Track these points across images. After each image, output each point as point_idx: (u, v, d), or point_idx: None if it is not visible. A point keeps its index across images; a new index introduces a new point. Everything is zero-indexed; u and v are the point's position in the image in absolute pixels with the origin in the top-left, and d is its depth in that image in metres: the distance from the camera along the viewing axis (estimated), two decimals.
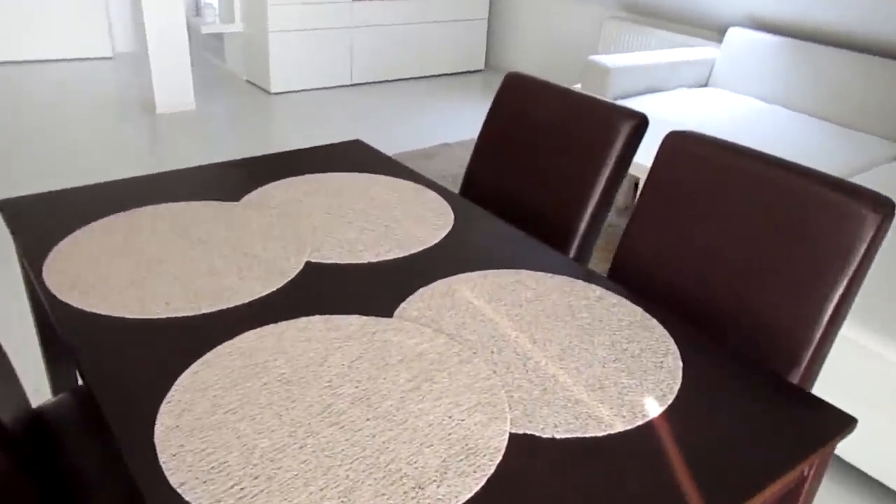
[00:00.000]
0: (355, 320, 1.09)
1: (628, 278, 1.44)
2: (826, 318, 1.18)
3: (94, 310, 1.08)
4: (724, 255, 1.30)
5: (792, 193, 1.23)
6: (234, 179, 1.59)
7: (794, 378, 1.21)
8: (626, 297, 1.22)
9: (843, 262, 1.16)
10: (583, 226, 1.61)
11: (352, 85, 5.38)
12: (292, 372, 0.96)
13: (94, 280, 1.16)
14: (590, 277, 1.28)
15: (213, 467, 0.80)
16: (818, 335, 1.19)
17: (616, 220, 3.34)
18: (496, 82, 5.65)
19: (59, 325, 1.06)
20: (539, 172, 1.69)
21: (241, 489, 0.78)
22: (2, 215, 1.44)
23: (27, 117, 4.25)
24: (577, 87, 4.16)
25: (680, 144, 1.39)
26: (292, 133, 4.32)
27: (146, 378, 0.95)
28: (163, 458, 0.81)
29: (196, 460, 0.81)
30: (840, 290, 1.16)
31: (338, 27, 5.12)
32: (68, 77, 5.13)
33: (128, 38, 5.97)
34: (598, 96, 3.69)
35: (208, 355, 0.99)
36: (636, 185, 3.53)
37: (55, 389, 1.57)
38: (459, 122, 4.66)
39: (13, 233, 1.31)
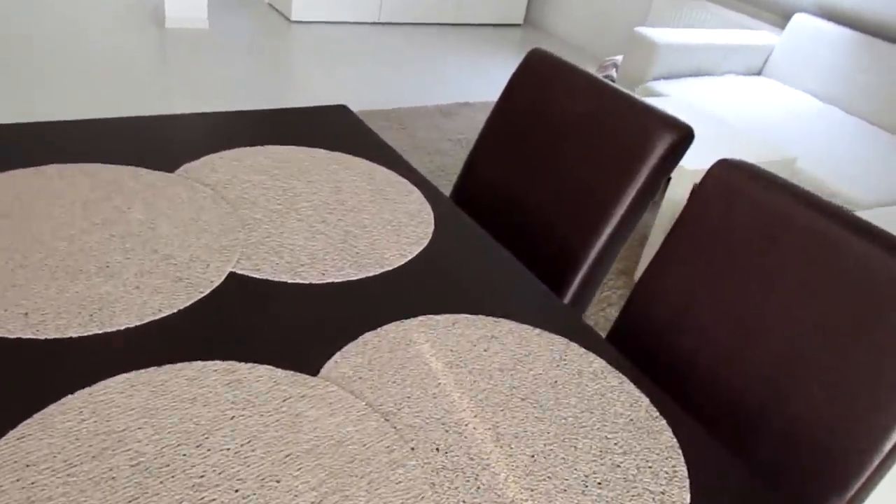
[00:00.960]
0: (266, 375, 0.82)
1: (637, 339, 1.16)
2: (892, 439, 0.90)
3: None
4: (766, 330, 1.01)
5: (867, 266, 0.93)
6: (179, 139, 1.30)
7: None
8: (630, 378, 0.94)
9: None
10: (593, 253, 1.31)
11: (379, 23, 5.01)
12: (155, 453, 0.69)
13: None
14: (588, 341, 0.99)
15: None
16: (876, 462, 0.91)
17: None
18: (531, 41, 5.25)
19: None
20: (552, 178, 1.38)
21: None
22: None
23: (32, 20, 3.94)
24: (619, 58, 3.78)
25: (730, 178, 1.08)
26: (307, 67, 3.99)
27: None
28: None
29: None
30: None
31: None
32: None
33: None
34: (641, 74, 3.31)
35: (51, 408, 0.72)
36: (668, 179, 3.20)
37: None
38: (486, 81, 4.30)
39: None
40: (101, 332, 0.84)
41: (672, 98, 3.14)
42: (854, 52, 3.46)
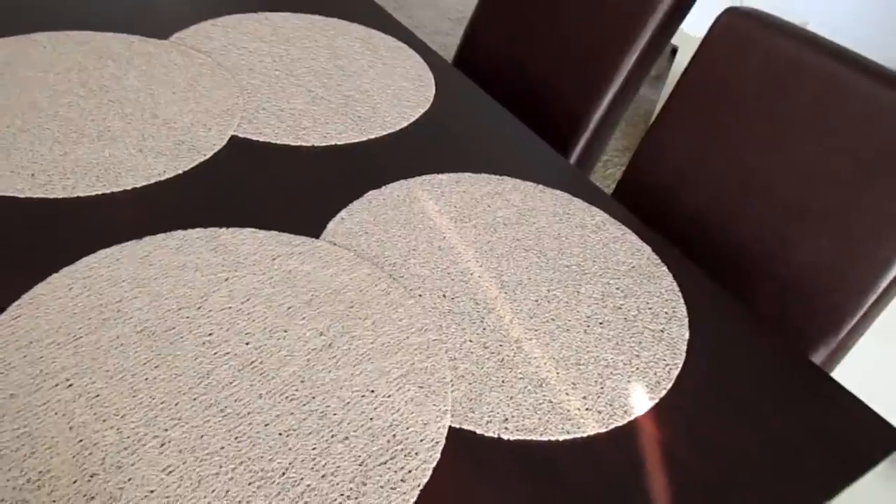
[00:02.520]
0: (250, 237, 0.83)
1: (642, 196, 1.16)
2: (892, 271, 0.92)
3: None
4: (775, 184, 1.01)
5: (877, 106, 0.92)
6: (169, 6, 1.26)
7: (824, 350, 0.97)
8: (633, 230, 0.95)
9: None
10: (597, 115, 1.29)
11: None
12: (157, 319, 0.71)
13: None
14: (592, 196, 1.00)
15: (29, 480, 0.57)
16: (869, 302, 0.93)
17: (645, 90, 2.96)
18: None
19: None
20: (554, 42, 1.35)
21: None
22: None
23: None
24: None
25: (740, 27, 1.05)
26: None
27: None
28: None
29: (6, 466, 0.58)
30: None
31: None
32: None
33: None
34: None
35: (38, 288, 0.73)
36: (674, 52, 3.11)
37: None
38: None
39: None
40: (108, 191, 0.85)
41: None
42: None
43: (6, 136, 0.89)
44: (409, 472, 0.62)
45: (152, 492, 0.57)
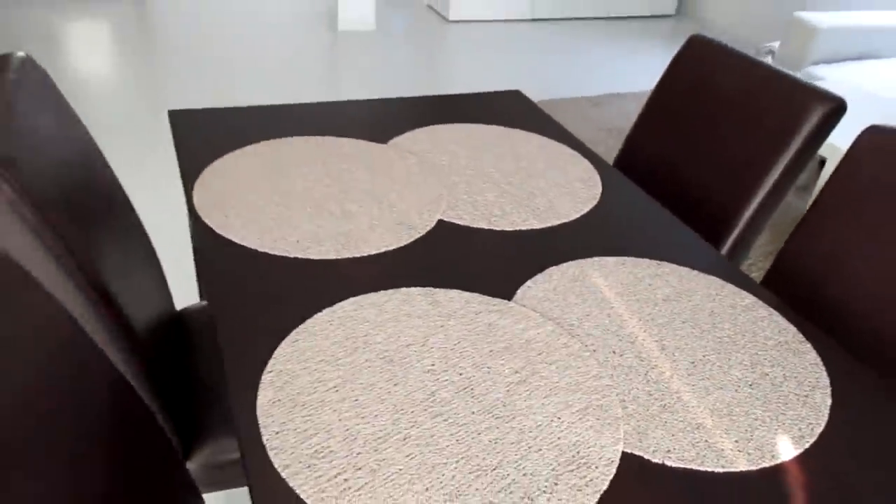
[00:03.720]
0: (457, 296, 1.05)
1: (789, 286, 1.29)
2: None
3: (228, 236, 1.12)
4: None
5: None
6: (385, 119, 1.57)
7: None
8: (780, 312, 1.08)
9: None
10: (746, 215, 1.45)
11: (531, 20, 5.21)
12: (394, 350, 0.94)
13: (235, 204, 1.19)
14: (742, 282, 1.15)
15: (316, 451, 0.79)
16: None
17: (792, 199, 3.03)
18: (684, 31, 5.24)
19: (194, 243, 1.10)
20: (708, 149, 1.53)
21: (345, 480, 0.76)
22: (170, 125, 1.51)
23: (221, 21, 4.50)
24: (775, 45, 3.74)
25: (880, 143, 1.19)
26: (465, 62, 4.26)
27: (260, 328, 0.96)
28: (266, 436, 0.80)
29: (298, 441, 0.80)
30: None
31: None
32: None
33: None
34: (798, 60, 3.29)
35: (311, 320, 0.98)
36: (822, 162, 3.17)
37: (202, 295, 1.68)
38: (636, 72, 4.38)
39: (177, 146, 1.38)
40: (350, 256, 1.10)
41: (828, 81, 3.11)
42: None
43: (277, 212, 1.19)
44: (591, 480, 0.78)
45: (400, 470, 0.77)
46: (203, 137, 1.41)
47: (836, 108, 1.35)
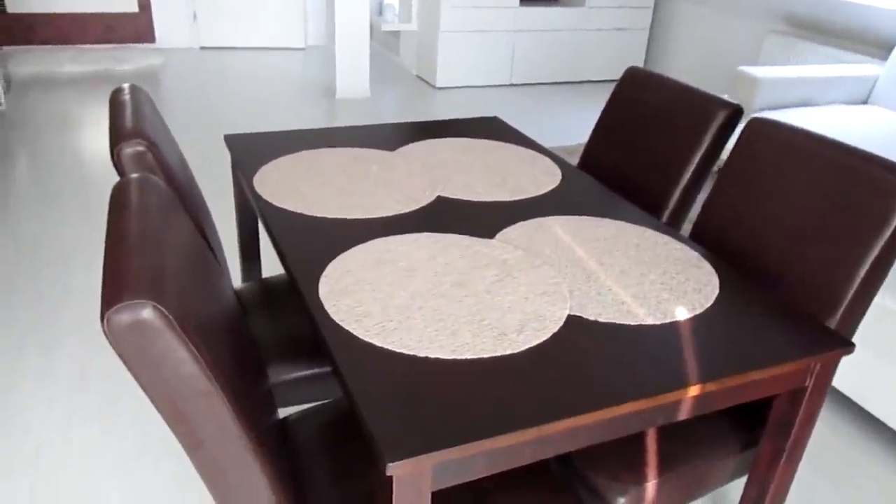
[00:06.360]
0: (458, 237, 1.45)
1: (704, 241, 1.70)
2: (860, 276, 1.38)
3: (284, 206, 1.52)
4: (783, 223, 1.52)
5: (840, 168, 1.44)
6: (391, 136, 2.00)
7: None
8: (689, 247, 1.49)
9: (878, 229, 1.36)
10: (674, 198, 1.86)
11: (511, 85, 5.77)
12: (409, 265, 1.33)
13: (285, 188, 1.60)
14: (665, 230, 1.55)
15: (360, 313, 1.18)
16: (852, 291, 1.40)
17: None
18: None
19: (261, 215, 1.50)
20: (643, 151, 1.96)
21: (383, 327, 1.14)
22: (226, 145, 1.94)
23: (229, 94, 5.01)
24: (725, 97, 4.26)
25: (760, 128, 1.62)
26: None
27: (315, 255, 1.36)
28: (326, 306, 1.19)
29: (349, 308, 1.19)
30: (874, 253, 1.37)
31: (502, 30, 5.53)
32: (266, 63, 5.92)
33: (319, 33, 6.73)
34: (745, 107, 3.78)
35: (350, 251, 1.37)
36: None
37: (244, 278, 2.07)
38: None
39: (233, 156, 1.80)
40: (372, 216, 1.51)
41: None
42: None
43: (316, 192, 1.59)
44: (545, 327, 1.17)
45: (417, 322, 1.16)
46: (251, 150, 1.84)
47: (734, 112, 1.79)
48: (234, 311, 1.25)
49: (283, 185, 1.63)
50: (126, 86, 1.48)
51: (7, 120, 4.20)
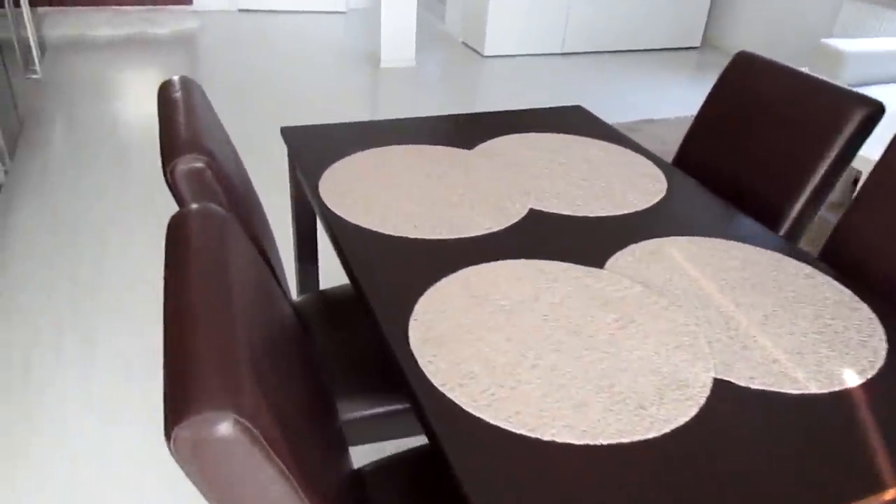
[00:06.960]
0: (562, 266, 1.22)
1: (839, 265, 1.45)
2: None
3: (357, 222, 1.31)
4: None
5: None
6: (465, 130, 1.77)
7: None
8: (835, 279, 1.25)
9: None
10: (796, 210, 1.62)
11: (562, 54, 5.45)
12: (510, 304, 1.12)
13: (356, 199, 1.39)
14: (799, 255, 1.31)
15: (464, 375, 0.97)
16: None
17: (826, 214, 3.18)
18: (710, 62, 5.46)
19: (328, 230, 1.29)
20: (758, 152, 1.71)
21: (492, 394, 0.93)
22: (283, 137, 1.72)
23: (268, 60, 4.78)
24: (805, 70, 3.93)
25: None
26: (501, 95, 4.49)
27: (399, 288, 1.15)
28: (422, 363, 0.98)
29: (449, 368, 0.98)
30: None
31: None
32: (306, 26, 5.66)
33: None
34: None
35: (439, 283, 1.16)
36: (855, 181, 3.33)
37: (300, 291, 1.87)
38: (667, 99, 4.59)
39: (290, 152, 1.58)
40: (458, 237, 1.29)
41: None
42: None
43: (393, 203, 1.38)
44: (690, 396, 0.95)
45: (533, 387, 0.95)
46: (312, 148, 1.62)
47: (875, 111, 1.53)
48: (306, 357, 1.05)
49: (352, 194, 1.42)
50: (176, 79, 1.27)
51: (42, 86, 4.03)
